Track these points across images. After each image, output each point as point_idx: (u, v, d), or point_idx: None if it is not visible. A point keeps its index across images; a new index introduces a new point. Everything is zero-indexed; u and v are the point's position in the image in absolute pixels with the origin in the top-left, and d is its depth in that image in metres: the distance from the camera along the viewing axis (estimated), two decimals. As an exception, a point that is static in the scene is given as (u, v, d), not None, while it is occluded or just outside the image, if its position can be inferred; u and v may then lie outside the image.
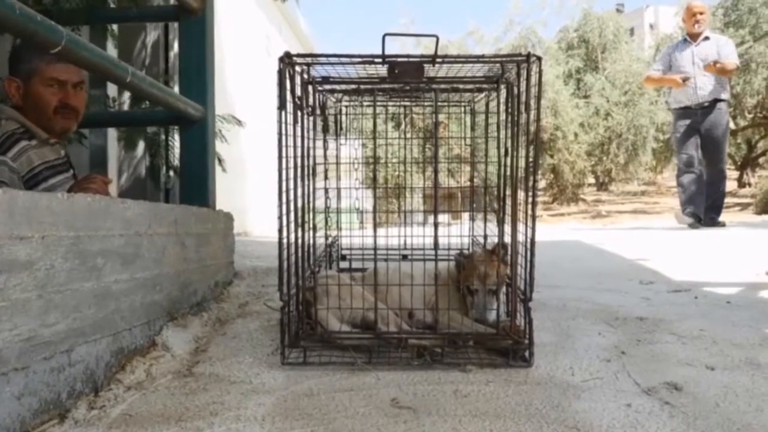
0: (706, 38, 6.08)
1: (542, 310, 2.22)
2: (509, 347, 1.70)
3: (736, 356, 1.71)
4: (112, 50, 4.01)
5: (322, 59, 1.74)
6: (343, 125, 2.55)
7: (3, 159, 2.03)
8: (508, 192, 1.80)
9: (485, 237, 2.29)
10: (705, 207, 5.96)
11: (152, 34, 5.18)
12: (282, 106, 1.66)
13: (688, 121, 6.03)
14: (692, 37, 6.13)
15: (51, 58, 2.04)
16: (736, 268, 3.17)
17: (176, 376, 1.63)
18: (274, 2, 9.10)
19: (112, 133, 4.61)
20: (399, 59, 1.72)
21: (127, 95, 4.26)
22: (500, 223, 1.92)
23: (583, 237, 5.43)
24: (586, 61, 17.18)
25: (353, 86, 2.01)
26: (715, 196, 5.99)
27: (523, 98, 1.66)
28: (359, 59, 1.69)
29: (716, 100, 5.93)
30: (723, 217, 6.14)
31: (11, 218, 1.17)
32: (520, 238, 1.69)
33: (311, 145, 2.02)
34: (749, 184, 16.62)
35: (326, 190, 2.42)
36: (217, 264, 2.44)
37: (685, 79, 5.93)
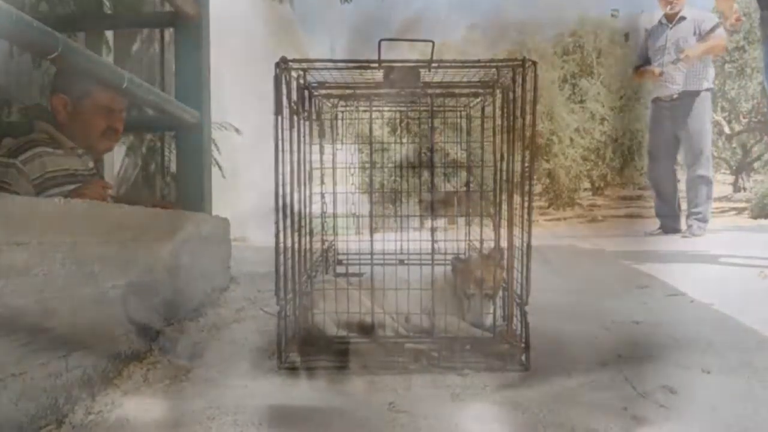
0: (682, 18, 5.17)
1: (538, 314, 2.22)
2: (506, 351, 1.70)
3: (733, 360, 1.72)
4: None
5: (318, 64, 1.74)
6: (339, 130, 2.56)
7: (12, 162, 2.05)
8: (504, 197, 1.80)
9: (481, 241, 2.29)
10: (687, 213, 5.24)
11: (147, 40, 5.18)
12: (278, 111, 1.67)
13: (658, 117, 5.34)
14: (668, 19, 5.26)
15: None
16: (731, 272, 3.18)
17: (173, 382, 1.62)
18: (270, 8, 9.11)
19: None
20: (394, 64, 1.72)
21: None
22: (496, 227, 1.92)
23: (579, 241, 5.43)
24: (582, 66, 17.21)
25: (349, 91, 2.02)
26: (696, 201, 5.15)
27: (518, 103, 1.67)
28: (355, 64, 1.69)
29: (689, 92, 5.11)
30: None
31: (8, 224, 1.17)
32: (516, 242, 1.70)
33: (307, 150, 2.02)
34: (744, 189, 16.66)
35: (322, 195, 2.42)
36: (214, 269, 2.43)
37: (660, 73, 5.19)
